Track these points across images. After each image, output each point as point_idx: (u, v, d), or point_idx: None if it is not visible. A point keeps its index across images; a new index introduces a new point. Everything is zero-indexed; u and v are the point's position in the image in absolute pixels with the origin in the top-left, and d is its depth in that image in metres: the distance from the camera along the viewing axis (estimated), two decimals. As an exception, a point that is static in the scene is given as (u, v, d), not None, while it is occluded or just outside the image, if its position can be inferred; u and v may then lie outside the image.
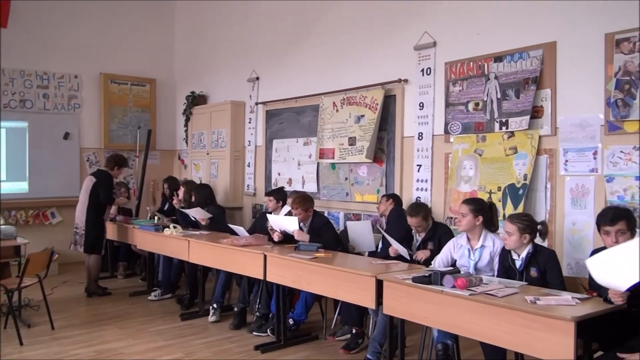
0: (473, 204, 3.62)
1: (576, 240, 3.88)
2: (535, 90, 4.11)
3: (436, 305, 3.06)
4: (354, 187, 5.65)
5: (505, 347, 2.96)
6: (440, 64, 4.85)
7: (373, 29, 5.49)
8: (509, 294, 2.88)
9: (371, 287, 3.40)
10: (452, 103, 4.71)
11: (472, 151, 4.53)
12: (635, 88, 3.58)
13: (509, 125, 4.27)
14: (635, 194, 3.57)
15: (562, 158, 3.98)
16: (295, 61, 6.42)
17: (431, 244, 4.02)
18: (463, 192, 4.51)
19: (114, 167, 6.06)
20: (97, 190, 5.84)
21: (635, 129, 3.59)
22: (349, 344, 4.19)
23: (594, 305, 2.68)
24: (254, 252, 4.32)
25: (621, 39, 3.66)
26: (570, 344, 2.47)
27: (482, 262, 3.58)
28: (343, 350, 4.16)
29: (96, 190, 5.84)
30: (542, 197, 4.09)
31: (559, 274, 3.24)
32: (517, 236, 3.27)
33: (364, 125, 5.41)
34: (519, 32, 4.26)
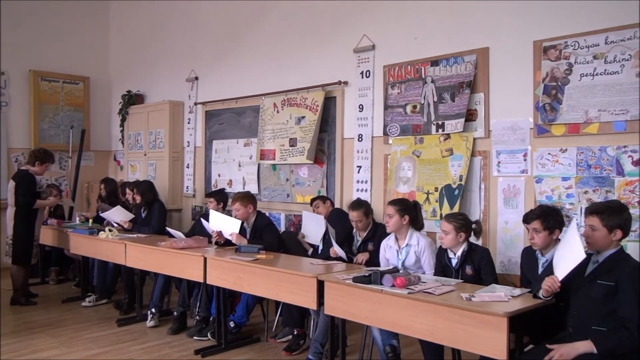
0: (398, 204, 3.72)
1: (508, 238, 4.05)
2: (470, 94, 4.26)
3: (376, 305, 3.10)
4: (295, 188, 5.66)
5: (443, 343, 3.04)
6: (379, 67, 4.94)
7: (313, 31, 5.52)
8: (445, 291, 2.97)
9: (312, 288, 3.42)
10: (391, 105, 4.81)
11: (410, 153, 4.64)
12: (561, 93, 3.78)
13: (445, 127, 4.40)
14: (562, 194, 3.77)
15: (494, 160, 4.14)
16: (236, 61, 6.36)
17: (371, 245, 4.08)
18: (402, 193, 4.61)
19: (35, 163, 5.51)
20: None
21: (561, 132, 3.78)
22: (291, 345, 4.19)
23: (525, 301, 2.80)
24: (194, 255, 4.25)
25: (548, 46, 3.85)
26: (503, 338, 2.57)
27: (408, 260, 3.70)
28: (285, 352, 4.16)
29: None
30: (477, 197, 4.24)
31: (493, 271, 3.38)
32: (453, 235, 3.38)
33: (304, 127, 5.43)
34: (454, 37, 4.40)
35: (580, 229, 3.52)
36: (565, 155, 3.76)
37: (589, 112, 3.64)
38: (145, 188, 5.56)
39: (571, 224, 2.82)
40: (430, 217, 4.39)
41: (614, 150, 3.54)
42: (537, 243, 3.11)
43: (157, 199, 5.63)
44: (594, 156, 3.63)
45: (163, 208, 5.64)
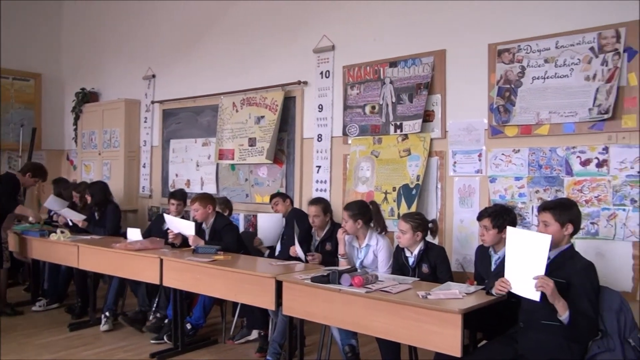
0: (350, 209, 3.75)
1: (463, 237, 4.13)
2: (427, 95, 4.32)
3: (335, 304, 3.11)
4: (254, 188, 5.62)
5: (400, 341, 3.08)
6: (338, 67, 4.95)
7: (273, 31, 5.50)
8: (402, 290, 3.00)
9: (271, 289, 3.40)
10: (350, 106, 4.83)
11: (369, 153, 4.67)
12: (514, 95, 3.87)
13: (403, 128, 4.45)
14: (515, 193, 3.87)
15: (451, 160, 4.21)
16: (194, 60, 6.27)
17: (329, 245, 4.09)
18: (361, 193, 4.64)
19: (27, 174, 5.49)
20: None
21: (514, 133, 3.88)
22: (262, 346, 4.14)
23: (478, 298, 2.86)
24: (150, 256, 4.16)
25: (502, 49, 3.94)
26: (457, 334, 2.61)
27: (367, 260, 3.73)
28: (258, 354, 4.11)
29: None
30: (433, 196, 4.30)
31: (448, 269, 3.44)
32: (410, 234, 3.42)
33: (264, 126, 5.40)
34: (412, 39, 4.46)
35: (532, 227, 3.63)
36: (518, 156, 3.86)
37: (540, 114, 3.74)
38: (97, 189, 5.43)
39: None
40: (388, 217, 4.42)
41: (563, 151, 3.66)
42: (487, 240, 3.21)
43: (111, 201, 5.50)
44: (545, 157, 3.73)
45: (117, 210, 5.51)
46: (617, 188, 3.44)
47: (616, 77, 3.44)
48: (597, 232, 3.50)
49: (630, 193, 3.40)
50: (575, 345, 2.62)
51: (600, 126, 3.51)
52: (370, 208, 3.80)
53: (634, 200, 3.38)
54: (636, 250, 3.38)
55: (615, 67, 3.45)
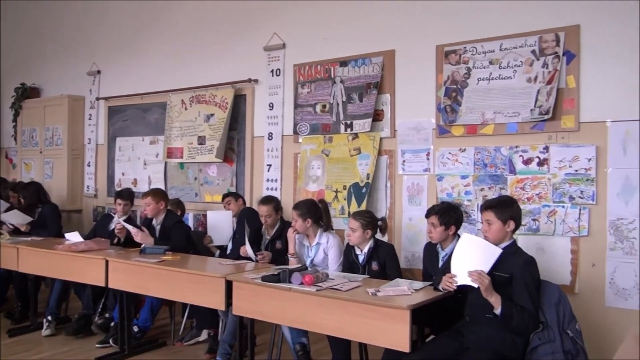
0: (299, 208, 3.75)
1: (412, 234, 4.20)
2: (377, 94, 4.37)
3: (285, 303, 3.11)
4: (203, 187, 5.54)
5: (350, 338, 3.11)
6: (289, 65, 4.95)
7: (224, 28, 5.43)
8: (352, 287, 3.03)
9: (220, 289, 3.36)
10: (301, 104, 4.83)
11: (320, 151, 4.69)
12: (460, 96, 3.97)
13: (353, 127, 4.49)
14: (461, 191, 3.96)
15: (400, 159, 4.28)
16: (141, 55, 6.12)
17: (279, 243, 4.08)
18: (311, 192, 4.66)
19: None
20: None
21: (460, 132, 3.98)
22: (212, 347, 4.08)
23: (426, 294, 2.92)
24: (95, 258, 4.03)
25: (449, 50, 4.03)
26: (406, 330, 2.66)
27: (317, 258, 3.75)
28: (208, 355, 4.05)
29: None
30: (383, 195, 4.36)
31: (397, 267, 3.50)
32: (360, 232, 3.46)
33: (213, 125, 5.33)
34: (362, 39, 4.50)
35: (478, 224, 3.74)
36: (464, 155, 3.96)
37: (485, 114, 3.85)
38: (29, 191, 5.24)
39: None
40: (338, 215, 4.46)
41: (507, 150, 3.78)
42: (434, 237, 3.29)
43: (47, 201, 5.31)
44: (490, 156, 3.85)
45: (56, 210, 5.33)
46: (557, 186, 3.59)
47: (556, 79, 3.58)
48: (538, 228, 3.64)
49: (568, 190, 3.54)
50: (517, 337, 2.71)
51: (541, 126, 3.65)
52: (319, 207, 3.82)
53: (572, 197, 3.53)
54: (574, 245, 3.54)
55: (555, 69, 3.59)
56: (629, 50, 3.38)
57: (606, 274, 3.44)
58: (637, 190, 3.34)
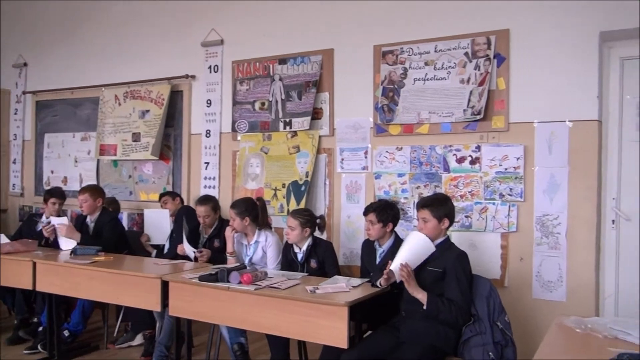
0: (237, 207, 3.73)
1: (350, 231, 4.25)
2: (316, 93, 4.39)
3: (224, 303, 3.08)
4: (138, 185, 5.39)
5: (289, 336, 3.11)
6: (227, 62, 4.89)
7: (160, 21, 5.29)
8: (291, 285, 3.03)
9: (156, 289, 3.28)
10: (240, 102, 4.79)
11: (259, 149, 4.66)
12: (397, 95, 4.05)
13: (292, 125, 4.49)
14: (398, 189, 4.05)
15: (338, 157, 4.32)
16: (72, 48, 5.87)
17: (217, 242, 4.03)
18: (250, 190, 4.63)
19: None
20: None
21: (397, 131, 4.06)
22: (147, 349, 3.97)
23: (364, 290, 2.96)
24: (21, 260, 3.84)
25: (386, 51, 4.11)
26: (344, 327, 2.69)
27: (256, 256, 3.74)
28: (144, 358, 3.94)
29: None
30: (322, 192, 4.39)
31: (335, 264, 3.53)
32: (299, 230, 3.47)
33: (149, 121, 5.19)
34: (301, 37, 4.50)
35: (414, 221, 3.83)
36: (401, 153, 4.04)
37: (421, 114, 3.95)
38: None
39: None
40: (277, 213, 4.45)
41: (441, 149, 3.89)
42: (372, 234, 3.35)
43: None
44: (425, 154, 3.95)
45: None
46: (488, 184, 3.73)
47: (487, 81, 3.72)
48: (471, 225, 3.77)
49: (499, 188, 3.69)
50: (451, 330, 2.80)
51: (474, 126, 3.78)
52: (257, 205, 3.80)
53: (502, 195, 3.68)
54: (504, 241, 3.69)
55: (487, 71, 3.73)
56: (555, 53, 3.55)
57: (533, 267, 3.61)
58: (561, 188, 3.53)
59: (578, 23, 3.48)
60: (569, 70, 3.51)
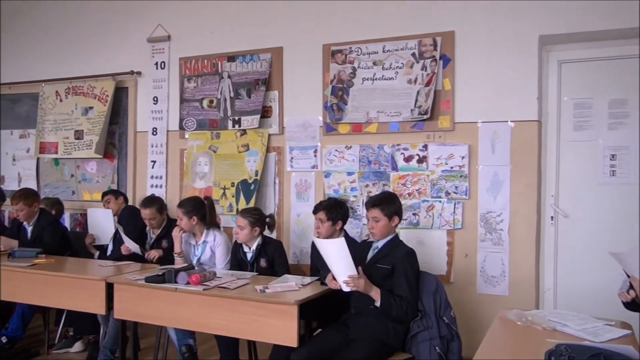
0: (184, 206, 3.68)
1: (300, 230, 4.26)
2: (265, 91, 4.37)
3: (171, 304, 3.02)
4: (81, 184, 5.22)
5: (239, 336, 3.09)
6: (174, 58, 4.79)
7: (104, 15, 5.13)
8: (240, 285, 3.01)
9: (100, 292, 3.19)
10: (187, 99, 4.71)
11: (207, 148, 4.60)
12: (346, 94, 4.08)
13: (241, 123, 4.45)
14: (347, 187, 4.08)
15: (288, 155, 4.32)
16: (9, 41, 5.61)
17: (165, 242, 3.94)
18: (198, 189, 4.56)
19: None
20: None
21: (346, 130, 4.09)
22: (92, 354, 3.83)
23: (314, 289, 2.97)
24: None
25: (335, 50, 4.13)
26: (293, 325, 2.70)
27: (204, 256, 3.69)
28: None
29: None
30: (272, 191, 4.38)
31: (285, 263, 3.53)
32: (249, 230, 3.44)
33: (92, 118, 5.03)
34: (250, 34, 4.47)
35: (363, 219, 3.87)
36: (350, 152, 4.08)
37: (369, 113, 3.99)
38: None
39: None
40: (226, 212, 4.41)
41: (389, 148, 3.95)
42: (322, 232, 3.37)
43: None
44: (374, 153, 4.00)
45: None
46: (435, 182, 3.81)
47: (434, 81, 3.80)
48: (418, 222, 3.84)
49: (445, 186, 3.78)
50: (399, 326, 2.85)
51: (421, 126, 3.86)
52: (205, 204, 3.75)
53: (448, 192, 3.77)
54: (450, 238, 3.79)
55: (433, 72, 3.81)
56: (497, 56, 3.67)
57: (477, 263, 3.72)
58: (504, 186, 3.65)
59: (519, 27, 3.61)
60: (510, 72, 3.63)
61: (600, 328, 2.21)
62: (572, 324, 2.23)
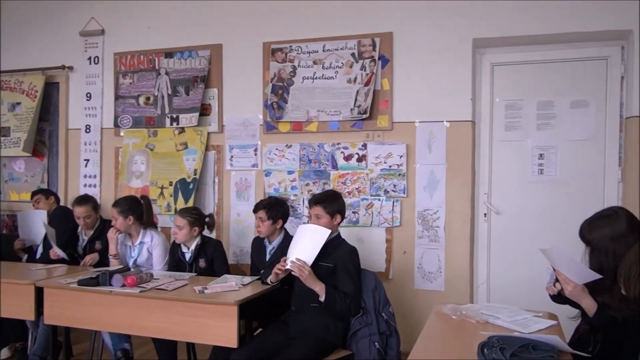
0: (119, 206, 3.57)
1: (240, 229, 4.22)
2: (204, 88, 4.30)
3: (106, 308, 2.92)
4: (8, 184, 4.96)
5: (177, 339, 3.03)
6: (109, 53, 4.64)
7: (33, 6, 4.89)
8: (179, 286, 2.95)
9: (29, 297, 3.04)
10: (123, 96, 4.56)
11: (144, 146, 4.47)
12: (287, 93, 4.08)
13: (179, 121, 4.36)
14: (287, 186, 4.08)
15: (228, 154, 4.27)
16: None
17: (99, 243, 3.81)
18: (135, 188, 4.43)
19: None
20: None
21: (287, 129, 4.09)
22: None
23: (254, 288, 2.95)
24: None
25: (276, 48, 4.12)
26: (233, 326, 2.66)
27: (141, 258, 3.59)
28: None
29: None
30: (211, 190, 4.32)
31: (225, 262, 3.48)
32: (187, 230, 3.38)
33: (20, 115, 4.80)
34: (188, 30, 4.38)
35: (304, 218, 3.89)
36: (290, 151, 4.08)
37: (310, 112, 4.01)
38: None
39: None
40: (164, 212, 4.30)
41: (330, 147, 3.98)
42: (262, 231, 3.35)
43: None
44: (314, 152, 4.02)
45: None
46: (374, 180, 3.88)
47: (373, 81, 3.86)
48: (358, 220, 3.90)
49: (383, 185, 3.85)
50: (340, 323, 2.87)
51: (360, 125, 3.91)
52: (141, 203, 3.65)
53: (387, 191, 3.84)
54: (389, 235, 3.86)
55: (372, 72, 3.86)
56: (434, 57, 3.77)
57: (415, 259, 3.81)
58: (440, 184, 3.75)
59: (454, 30, 3.72)
60: (446, 73, 3.74)
61: (529, 319, 2.31)
62: (503, 317, 2.32)
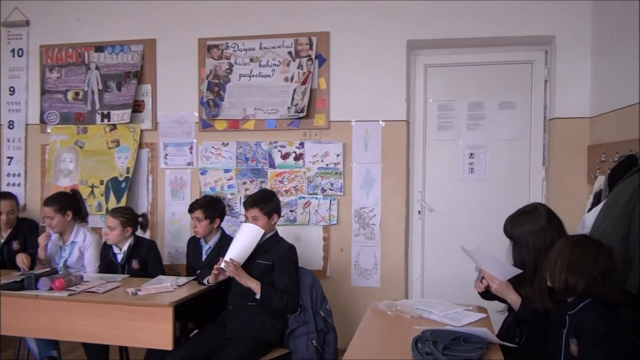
0: (55, 203, 3.41)
1: (175, 229, 4.13)
2: (137, 84, 4.17)
3: (31, 313, 2.79)
4: None
5: (109, 343, 2.94)
6: (34, 46, 4.41)
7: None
8: (110, 289, 2.86)
9: (-55, 303, 2.85)
10: (49, 90, 4.35)
11: (72, 143, 4.29)
12: (223, 90, 4.03)
13: (110, 117, 4.21)
14: (224, 185, 4.03)
15: (162, 152, 4.16)
16: None
17: (16, 243, 3.61)
18: (63, 187, 4.23)
19: None
20: None
21: (223, 127, 4.04)
22: None
23: (190, 289, 2.90)
24: None
25: (212, 45, 4.05)
26: (168, 328, 2.61)
27: (72, 258, 3.45)
28: None
29: None
30: (144, 189, 4.20)
31: (159, 263, 3.40)
32: (119, 230, 3.27)
33: None
34: (120, 24, 4.24)
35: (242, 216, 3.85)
36: (227, 149, 4.03)
37: (246, 110, 3.98)
38: None
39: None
40: (95, 212, 4.14)
41: (267, 145, 3.96)
42: (199, 231, 3.29)
43: None
44: (251, 150, 3.99)
45: None
46: (311, 179, 3.89)
47: (310, 80, 3.87)
48: (295, 219, 3.90)
49: (320, 183, 3.88)
50: (276, 321, 2.87)
51: (297, 123, 3.91)
52: (76, 197, 3.50)
53: (324, 189, 3.87)
54: (326, 233, 3.89)
55: (309, 71, 3.88)
56: (369, 58, 3.83)
57: (352, 257, 3.87)
58: (376, 183, 3.82)
59: (389, 31, 3.80)
60: (381, 73, 3.81)
61: (460, 313, 2.40)
62: (436, 311, 2.40)
